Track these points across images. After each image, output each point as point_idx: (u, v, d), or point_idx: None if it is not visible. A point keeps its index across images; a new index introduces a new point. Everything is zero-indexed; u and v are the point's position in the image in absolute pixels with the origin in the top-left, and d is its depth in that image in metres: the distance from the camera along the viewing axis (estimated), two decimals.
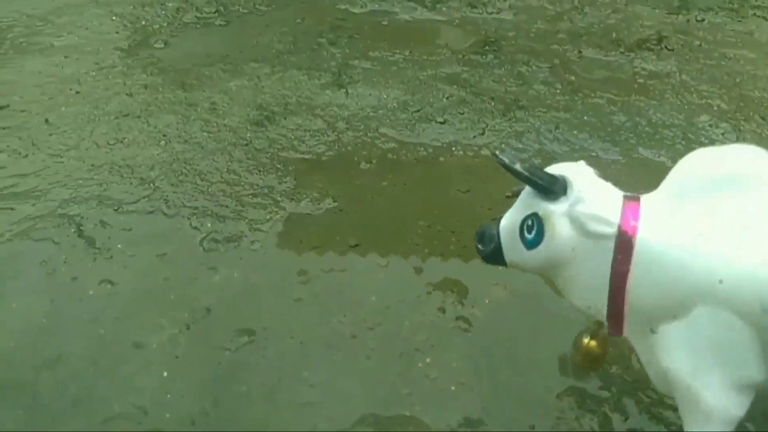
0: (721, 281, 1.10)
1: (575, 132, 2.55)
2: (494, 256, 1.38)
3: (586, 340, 1.43)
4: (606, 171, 2.28)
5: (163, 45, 3.07)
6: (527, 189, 1.31)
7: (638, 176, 2.25)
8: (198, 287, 1.86)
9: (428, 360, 1.66)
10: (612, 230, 1.20)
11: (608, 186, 1.28)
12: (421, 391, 1.59)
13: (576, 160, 1.31)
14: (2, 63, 2.91)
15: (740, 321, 1.10)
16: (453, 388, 1.61)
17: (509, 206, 2.09)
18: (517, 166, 1.26)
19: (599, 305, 1.25)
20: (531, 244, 1.29)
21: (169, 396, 1.58)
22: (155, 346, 1.70)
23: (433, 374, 1.63)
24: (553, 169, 1.30)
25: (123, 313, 1.77)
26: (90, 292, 1.83)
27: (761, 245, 1.09)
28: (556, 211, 1.24)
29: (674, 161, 2.68)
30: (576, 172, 1.27)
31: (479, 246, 1.42)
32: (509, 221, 1.35)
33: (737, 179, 1.16)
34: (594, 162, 2.34)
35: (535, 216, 1.28)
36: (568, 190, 1.24)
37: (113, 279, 1.87)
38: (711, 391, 1.15)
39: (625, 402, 1.53)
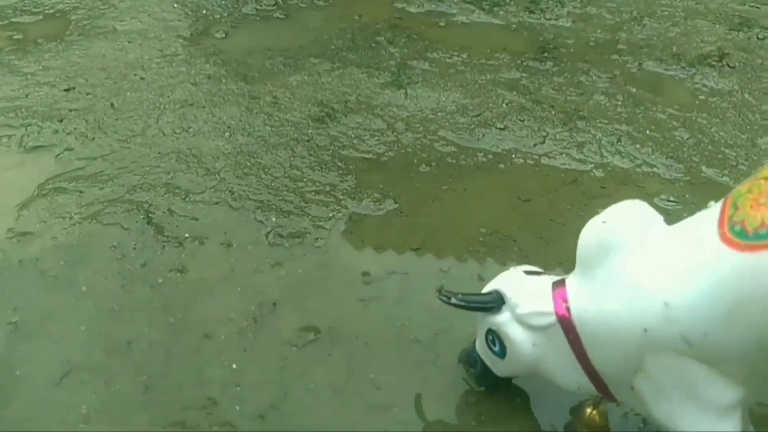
0: (645, 330, 1.20)
1: (638, 146, 2.52)
2: (486, 374, 1.56)
3: (588, 411, 1.50)
4: (669, 189, 2.32)
5: (224, 35, 3.09)
6: (478, 313, 1.50)
7: (702, 196, 2.23)
8: (264, 281, 1.88)
9: None
10: (552, 318, 1.35)
11: (538, 279, 1.44)
12: (489, 401, 1.59)
13: (639, 175, 1.36)
14: (67, 45, 2.95)
15: (680, 357, 1.17)
16: (518, 400, 1.61)
17: (574, 218, 2.10)
18: (453, 300, 1.48)
19: (585, 383, 1.37)
20: (500, 355, 1.46)
21: (238, 389, 1.60)
22: (224, 337, 1.72)
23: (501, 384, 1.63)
24: (488, 286, 1.49)
25: (192, 302, 1.80)
26: (160, 280, 1.86)
27: (663, 290, 1.18)
28: (502, 321, 1.42)
29: (737, 182, 2.66)
30: (505, 281, 1.47)
31: (471, 370, 1.62)
32: (479, 342, 1.54)
33: (619, 240, 1.28)
34: (656, 179, 2.37)
35: (491, 331, 1.46)
36: (505, 300, 1.43)
37: (182, 268, 1.90)
38: (695, 427, 1.20)
39: None
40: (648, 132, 2.62)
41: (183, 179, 2.20)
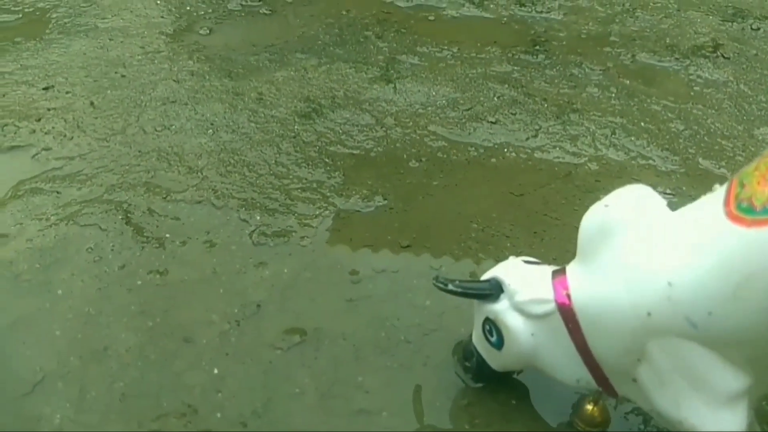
0: (649, 314, 1.16)
1: (632, 138, 2.46)
2: (481, 368, 1.50)
3: (589, 407, 1.45)
4: (665, 181, 2.26)
5: (208, 32, 3.02)
6: (475, 301, 1.45)
7: (699, 188, 2.16)
8: (247, 281, 1.81)
9: None
10: (551, 306, 1.31)
11: (537, 268, 1.41)
12: (482, 403, 1.52)
13: (635, 168, 1.32)
14: (47, 44, 2.87)
15: (685, 342, 1.14)
16: (514, 402, 1.54)
17: (568, 212, 2.04)
18: (450, 287, 1.43)
19: (584, 375, 1.32)
20: (498, 346, 1.41)
21: (220, 395, 1.52)
22: (205, 341, 1.64)
23: (494, 387, 1.56)
24: (487, 274, 1.45)
25: (172, 305, 1.73)
26: (138, 282, 1.78)
27: (667, 271, 1.15)
28: (501, 309, 1.38)
29: (735, 174, 2.60)
30: (505, 269, 1.42)
31: (466, 364, 1.56)
32: (476, 333, 1.49)
33: (621, 224, 1.25)
34: (651, 172, 2.31)
35: (488, 321, 1.41)
36: (503, 287, 1.38)
37: (162, 269, 1.82)
38: (700, 418, 1.16)
39: None
40: (642, 124, 2.56)
41: (164, 178, 2.12)
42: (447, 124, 2.52)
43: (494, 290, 1.39)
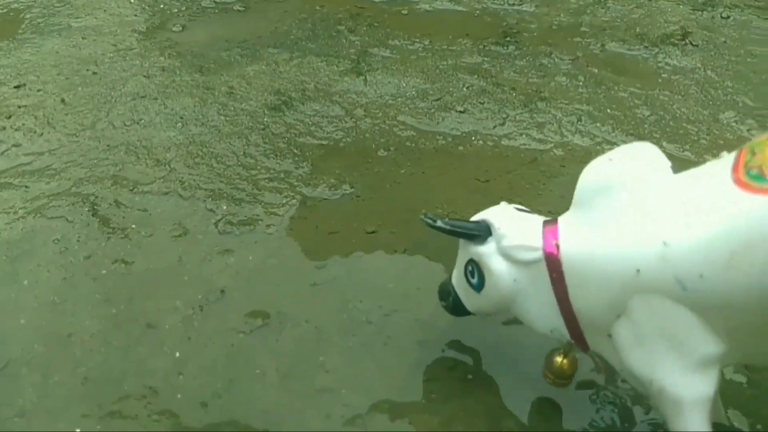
0: (638, 270, 1.16)
1: (598, 125, 2.49)
2: (456, 307, 1.50)
3: (558, 359, 1.44)
4: None
5: (181, 29, 3.04)
6: (461, 240, 1.44)
7: None
8: (212, 269, 1.83)
9: (447, 348, 1.63)
10: (538, 254, 1.30)
11: (529, 216, 1.40)
12: (440, 379, 1.55)
13: (599, 153, 1.34)
14: (20, 43, 2.89)
15: (670, 302, 1.14)
16: (470, 377, 1.57)
17: (530, 199, 2.06)
18: (439, 223, 1.41)
19: (559, 327, 1.33)
20: (477, 288, 1.41)
21: (181, 377, 1.55)
22: (168, 327, 1.67)
23: (451, 363, 1.59)
24: (476, 216, 1.43)
25: (136, 293, 1.75)
26: (103, 272, 1.80)
27: (663, 230, 1.15)
28: (486, 252, 1.37)
29: (699, 156, 2.62)
30: (495, 213, 1.41)
31: (442, 303, 1.55)
32: (456, 273, 1.48)
33: (625, 178, 1.24)
34: None
35: (472, 262, 1.41)
36: (492, 230, 1.37)
37: (127, 259, 1.84)
38: (672, 378, 1.17)
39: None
40: (609, 111, 2.59)
41: (131, 171, 2.14)
42: (416, 114, 2.54)
43: (482, 232, 1.37)
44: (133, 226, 1.95)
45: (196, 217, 1.99)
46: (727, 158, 1.17)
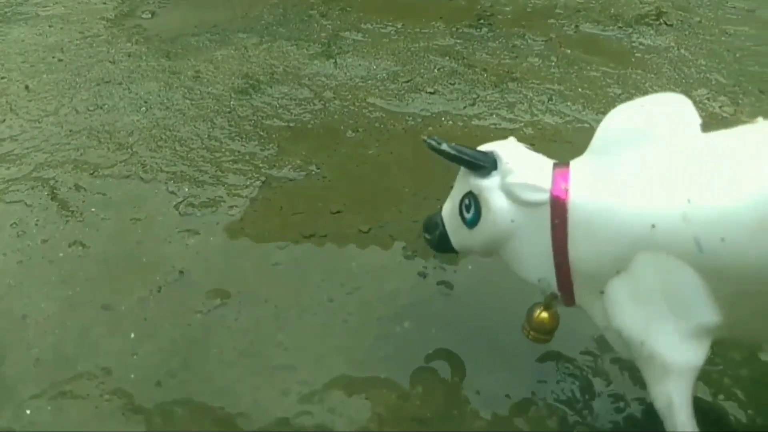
0: (653, 226, 1.09)
1: (569, 104, 2.48)
2: (441, 242, 1.41)
3: (538, 312, 1.36)
4: None
5: (150, 15, 3.01)
6: (461, 170, 1.33)
7: None
8: (172, 250, 1.80)
9: (407, 324, 1.60)
10: (544, 196, 1.21)
11: (539, 156, 1.29)
12: (398, 355, 1.52)
13: (569, 131, 1.28)
14: None
15: (680, 263, 1.08)
16: (430, 351, 1.54)
17: None
18: (444, 146, 1.29)
19: (548, 276, 1.25)
20: (471, 223, 1.31)
21: (135, 357, 1.52)
22: (124, 308, 1.64)
23: (412, 338, 1.57)
24: (484, 146, 1.31)
25: (93, 275, 1.72)
26: (60, 254, 1.77)
27: (688, 188, 1.09)
28: (488, 186, 1.26)
29: None
30: (504, 147, 1.29)
31: (426, 235, 1.44)
32: (449, 205, 1.38)
33: (655, 129, 1.16)
34: (587, 134, 2.32)
35: (470, 194, 1.30)
36: (498, 164, 1.26)
37: (85, 242, 1.81)
38: (665, 343, 1.12)
39: (607, 366, 1.46)
40: (580, 90, 2.57)
41: (93, 155, 2.11)
42: (386, 95, 2.52)
43: (488, 164, 1.26)
44: (93, 209, 1.92)
45: (156, 200, 1.96)
46: (763, 123, 1.12)
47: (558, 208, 1.19)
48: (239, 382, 1.47)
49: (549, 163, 1.26)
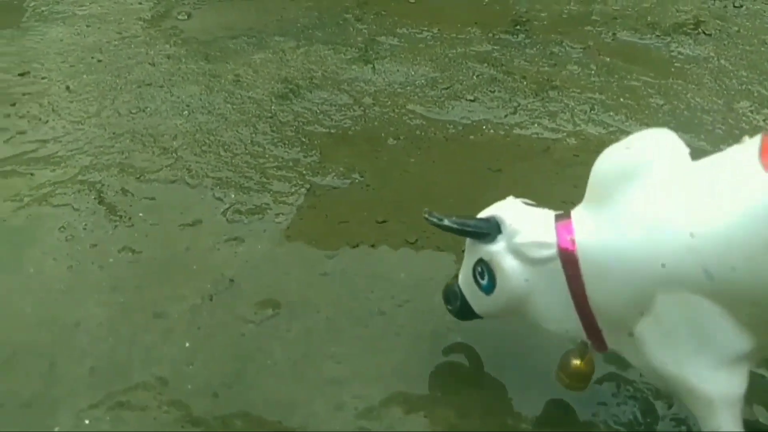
0: (663, 265, 1.11)
1: (611, 113, 2.45)
2: (464, 311, 1.43)
3: (575, 361, 1.37)
4: None
5: (186, 17, 3.00)
6: (468, 240, 1.36)
7: None
8: (221, 258, 1.80)
9: (460, 339, 1.59)
10: (552, 251, 1.23)
11: (539, 211, 1.32)
12: (453, 371, 1.52)
13: (613, 141, 1.28)
14: (23, 31, 2.86)
15: (696, 297, 1.09)
16: (486, 368, 1.53)
17: (543, 189, 2.02)
18: (446, 222, 1.34)
19: (574, 326, 1.26)
20: (487, 290, 1.34)
21: (190, 367, 1.52)
22: (176, 316, 1.63)
23: (465, 354, 1.56)
24: (484, 213, 1.36)
25: (144, 282, 1.72)
26: (110, 260, 1.77)
27: (685, 220, 1.10)
28: (497, 251, 1.29)
29: (714, 146, 2.58)
30: (504, 209, 1.33)
31: (448, 306, 1.47)
32: (464, 274, 1.41)
33: (647, 164, 1.18)
34: None
35: (481, 262, 1.33)
36: (502, 228, 1.29)
37: (134, 247, 1.81)
38: (701, 377, 1.12)
39: None
40: (622, 99, 2.55)
41: (137, 158, 2.11)
42: (425, 102, 2.51)
43: (492, 230, 1.30)
44: (140, 214, 1.91)
45: (203, 206, 1.96)
46: (751, 143, 1.11)
47: (568, 259, 1.22)
48: (294, 395, 1.47)
49: (551, 215, 1.29)
